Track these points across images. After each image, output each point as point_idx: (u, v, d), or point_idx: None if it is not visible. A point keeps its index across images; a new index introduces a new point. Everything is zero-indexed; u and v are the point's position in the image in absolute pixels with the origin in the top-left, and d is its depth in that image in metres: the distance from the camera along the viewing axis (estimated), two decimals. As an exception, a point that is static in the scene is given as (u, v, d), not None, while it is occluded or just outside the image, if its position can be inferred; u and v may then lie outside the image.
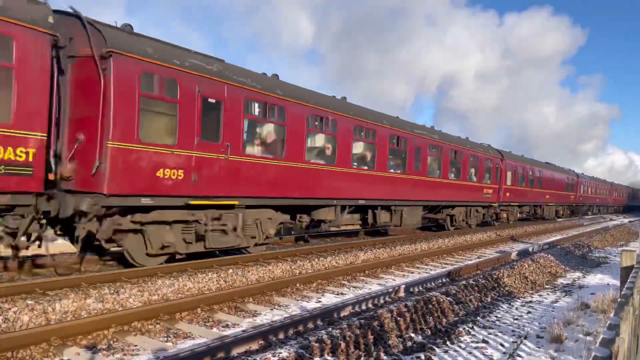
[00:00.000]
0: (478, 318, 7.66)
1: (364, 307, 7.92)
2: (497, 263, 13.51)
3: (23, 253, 8.06)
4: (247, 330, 6.57)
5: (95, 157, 7.94)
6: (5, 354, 5.15)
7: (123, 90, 8.11)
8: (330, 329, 6.01)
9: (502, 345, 6.46)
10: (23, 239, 7.64)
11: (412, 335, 6.55)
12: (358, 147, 14.90)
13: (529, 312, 8.36)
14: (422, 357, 5.79)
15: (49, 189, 7.74)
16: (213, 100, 9.64)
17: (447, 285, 9.56)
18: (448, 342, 6.37)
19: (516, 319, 7.82)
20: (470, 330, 6.97)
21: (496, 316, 7.94)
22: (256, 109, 10.79)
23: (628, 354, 3.25)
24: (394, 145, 15.87)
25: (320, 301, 8.48)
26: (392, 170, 15.95)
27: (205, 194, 9.56)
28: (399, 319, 6.69)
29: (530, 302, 9.26)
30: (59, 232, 8.84)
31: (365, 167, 14.67)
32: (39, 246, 8.04)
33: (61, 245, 10.17)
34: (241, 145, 10.33)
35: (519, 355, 6.10)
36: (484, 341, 6.51)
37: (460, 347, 6.27)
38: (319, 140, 13.52)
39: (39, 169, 7.37)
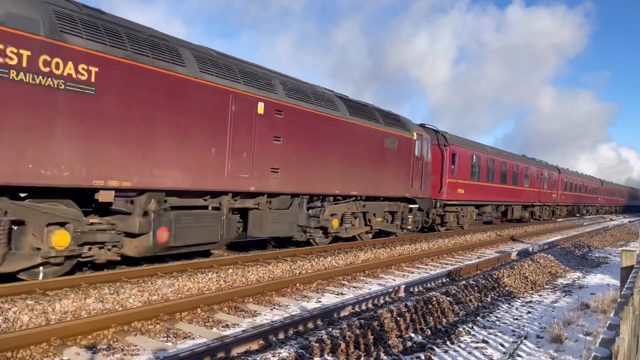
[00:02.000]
0: (478, 318, 7.66)
1: (364, 307, 7.92)
2: (497, 263, 13.52)
3: None
4: (247, 330, 6.57)
5: None
6: (5, 354, 5.15)
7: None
8: (330, 329, 6.01)
9: (502, 345, 6.46)
10: None
11: (412, 335, 6.55)
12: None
13: (529, 312, 8.36)
14: (422, 357, 5.79)
15: None
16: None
17: (447, 285, 9.56)
18: (448, 342, 6.37)
19: (516, 319, 7.82)
20: (470, 330, 6.98)
21: (496, 316, 7.94)
22: None
23: (628, 354, 3.25)
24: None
25: (320, 301, 8.48)
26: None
27: None
28: (398, 319, 6.69)
29: (530, 302, 9.26)
30: None
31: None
32: None
33: None
34: None
35: (519, 355, 6.10)
36: (484, 341, 6.51)
37: (460, 347, 6.27)
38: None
39: None
